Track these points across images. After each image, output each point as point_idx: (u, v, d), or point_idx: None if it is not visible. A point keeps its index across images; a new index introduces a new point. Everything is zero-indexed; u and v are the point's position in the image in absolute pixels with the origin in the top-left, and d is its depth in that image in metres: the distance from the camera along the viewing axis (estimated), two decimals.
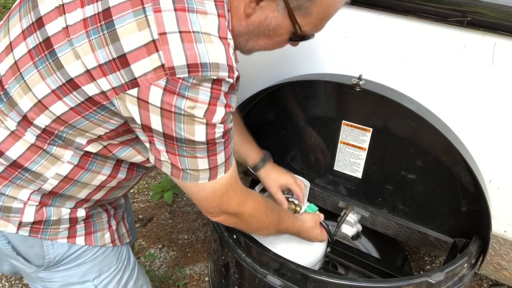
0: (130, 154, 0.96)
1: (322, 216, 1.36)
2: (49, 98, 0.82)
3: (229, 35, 0.80)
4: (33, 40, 0.81)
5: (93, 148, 0.90)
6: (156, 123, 0.78)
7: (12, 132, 0.87)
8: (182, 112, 0.76)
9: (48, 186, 0.92)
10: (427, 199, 1.39)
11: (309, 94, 1.44)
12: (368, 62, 1.26)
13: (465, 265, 1.22)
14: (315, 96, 1.44)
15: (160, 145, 0.82)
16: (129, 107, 0.77)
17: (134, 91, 0.75)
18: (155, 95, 0.74)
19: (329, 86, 1.38)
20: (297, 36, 0.91)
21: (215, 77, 0.75)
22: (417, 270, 2.20)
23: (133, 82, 0.74)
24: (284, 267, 1.19)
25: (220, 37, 0.77)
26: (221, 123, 0.81)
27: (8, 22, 0.89)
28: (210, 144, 0.83)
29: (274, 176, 1.39)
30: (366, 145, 1.39)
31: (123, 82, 0.75)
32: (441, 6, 1.07)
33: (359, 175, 1.47)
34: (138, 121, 0.79)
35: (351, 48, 1.28)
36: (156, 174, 2.84)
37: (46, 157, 0.89)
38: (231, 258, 1.31)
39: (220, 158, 0.87)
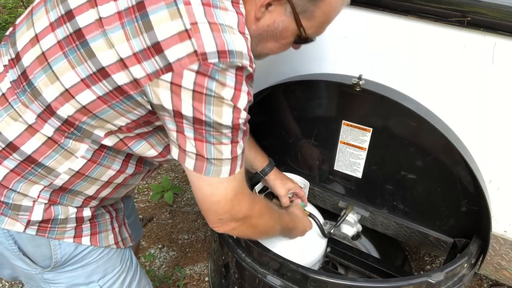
0: (143, 148, 0.98)
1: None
2: (77, 87, 0.84)
3: (246, 31, 0.85)
4: (63, 31, 0.84)
5: (109, 141, 0.93)
6: (186, 107, 0.81)
7: (30, 126, 0.89)
8: (213, 94, 0.80)
9: (59, 181, 0.94)
10: (427, 199, 1.39)
11: (309, 94, 1.44)
12: (368, 62, 1.26)
13: (465, 265, 1.22)
14: (315, 96, 1.44)
15: (188, 132, 0.85)
16: (161, 92, 0.80)
17: (168, 76, 0.78)
18: (188, 78, 0.78)
19: (329, 86, 1.38)
20: (301, 39, 0.97)
21: (240, 64, 0.81)
22: (417, 270, 2.20)
23: (168, 67, 0.78)
24: (284, 267, 1.19)
25: (239, 31, 0.82)
26: (244, 109, 0.86)
27: (32, 16, 0.91)
28: (234, 129, 0.86)
29: (283, 179, 1.42)
30: (366, 145, 1.39)
31: (158, 67, 0.78)
32: (441, 6, 1.07)
33: (359, 175, 1.47)
34: (169, 107, 0.82)
35: (351, 48, 1.28)
36: (156, 174, 2.84)
37: (60, 151, 0.91)
38: (231, 258, 1.31)
39: (240, 147, 0.90)
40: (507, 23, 1.02)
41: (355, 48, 1.27)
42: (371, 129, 1.35)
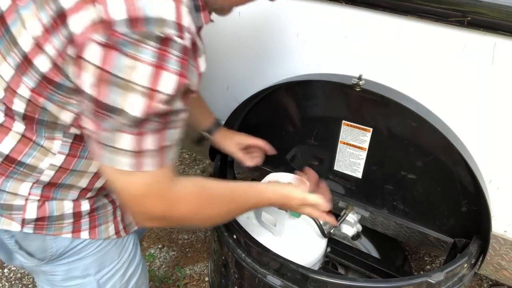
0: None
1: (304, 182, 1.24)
2: (14, 80, 0.78)
3: None
4: None
5: (79, 131, 0.85)
6: (88, 85, 0.69)
7: (1, 124, 0.85)
8: (121, 74, 0.67)
9: (45, 178, 0.91)
10: (427, 199, 1.39)
11: (309, 94, 1.44)
12: (368, 62, 1.26)
13: (465, 265, 1.22)
14: (315, 96, 1.44)
15: (88, 113, 0.73)
16: (70, 69, 0.71)
17: (73, 50, 0.68)
18: (93, 51, 0.66)
19: (329, 86, 1.38)
20: None
21: (161, 35, 0.66)
22: (417, 270, 2.20)
23: (71, 39, 0.67)
24: (284, 267, 1.19)
25: None
26: (166, 94, 0.70)
27: None
28: (145, 119, 0.71)
29: (230, 136, 1.38)
30: (366, 145, 1.39)
31: (64, 40, 0.68)
32: (441, 6, 1.07)
33: (359, 175, 1.47)
34: (80, 86, 0.70)
35: (351, 48, 1.28)
36: None
37: (37, 149, 0.87)
38: (231, 258, 1.31)
39: (152, 141, 0.74)
40: (507, 23, 1.01)
41: (355, 48, 1.27)
42: (371, 129, 1.35)
